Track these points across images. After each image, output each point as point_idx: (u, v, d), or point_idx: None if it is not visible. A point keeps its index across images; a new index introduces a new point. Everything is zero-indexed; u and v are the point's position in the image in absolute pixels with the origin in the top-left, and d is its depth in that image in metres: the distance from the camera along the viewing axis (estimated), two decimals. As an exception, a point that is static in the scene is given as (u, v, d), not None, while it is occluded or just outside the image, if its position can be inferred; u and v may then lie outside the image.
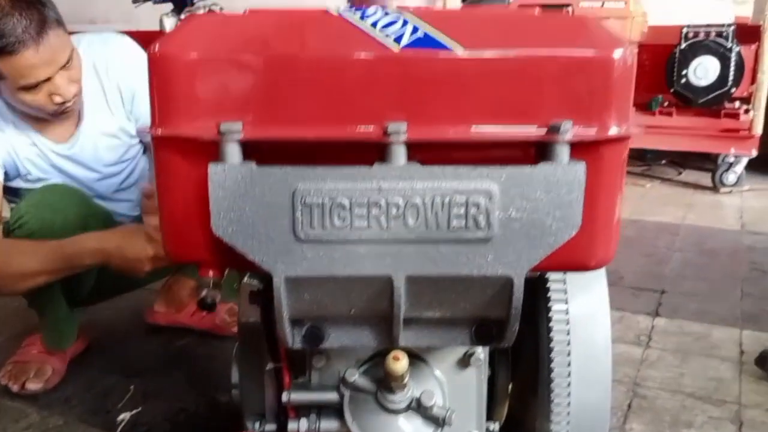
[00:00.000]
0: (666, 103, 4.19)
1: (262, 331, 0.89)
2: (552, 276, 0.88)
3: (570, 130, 0.65)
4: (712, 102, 3.96)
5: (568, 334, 0.87)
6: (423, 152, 0.66)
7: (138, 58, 1.85)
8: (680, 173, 4.63)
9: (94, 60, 1.76)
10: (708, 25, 3.86)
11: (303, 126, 0.66)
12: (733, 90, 3.91)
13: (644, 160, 4.84)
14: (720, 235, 3.35)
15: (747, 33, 3.91)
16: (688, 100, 3.99)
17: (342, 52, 0.65)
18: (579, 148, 0.67)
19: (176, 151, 0.69)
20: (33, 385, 1.82)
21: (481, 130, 0.66)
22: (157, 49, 0.67)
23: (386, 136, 0.64)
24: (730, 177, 4.10)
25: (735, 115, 3.97)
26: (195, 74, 0.66)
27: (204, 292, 0.89)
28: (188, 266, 1.98)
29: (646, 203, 3.90)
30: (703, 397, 1.82)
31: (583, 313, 0.88)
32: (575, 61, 0.66)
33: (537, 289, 0.91)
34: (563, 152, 0.66)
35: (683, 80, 3.91)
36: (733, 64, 3.83)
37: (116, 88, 1.80)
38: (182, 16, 3.71)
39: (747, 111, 3.96)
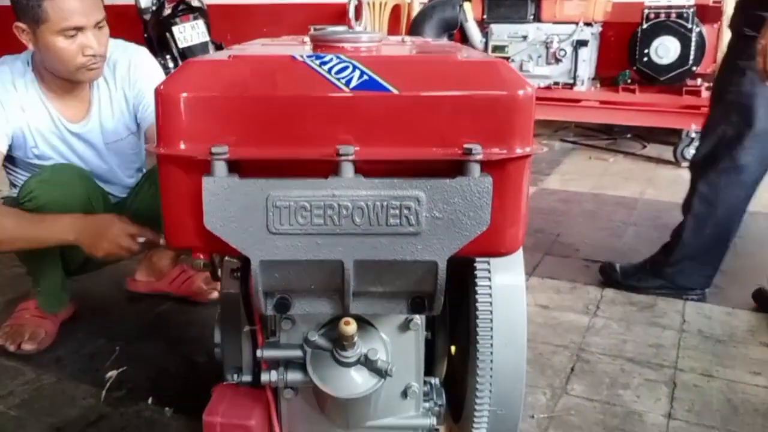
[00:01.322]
0: (629, 80, 4.34)
1: (240, 300, 1.09)
2: (478, 258, 1.08)
3: (480, 152, 0.84)
4: (673, 80, 4.07)
5: (491, 304, 1.06)
6: (367, 167, 0.85)
7: (151, 68, 2.02)
8: (644, 147, 4.79)
9: (112, 60, 1.93)
10: (669, 6, 3.96)
11: (274, 148, 0.86)
12: (694, 68, 4.02)
13: (610, 134, 5.00)
14: (676, 210, 3.49)
15: (709, 12, 4.05)
16: (650, 77, 4.11)
17: (304, 91, 0.84)
18: (489, 165, 0.86)
19: (176, 166, 0.88)
20: (28, 346, 1.99)
21: (411, 151, 0.86)
22: (162, 87, 0.86)
23: (338, 156, 0.83)
24: (692, 152, 4.26)
25: (696, 92, 4.10)
26: (191, 108, 0.85)
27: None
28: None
29: (607, 177, 4.05)
30: (641, 362, 2.02)
31: (504, 287, 1.07)
32: (485, 99, 0.85)
33: (467, 268, 1.10)
34: (475, 168, 0.85)
35: (645, 59, 4.04)
36: (693, 43, 3.92)
37: (122, 91, 1.96)
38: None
39: (708, 88, 4.10)
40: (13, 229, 1.71)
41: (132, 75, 1.97)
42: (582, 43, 4.27)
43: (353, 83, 0.84)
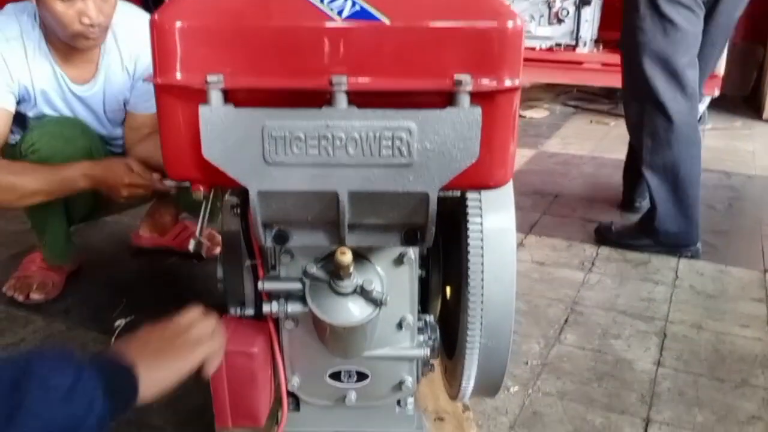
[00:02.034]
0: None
1: (241, 237, 1.12)
2: (470, 196, 1.10)
3: (469, 83, 0.87)
4: (676, 43, 4.07)
5: (482, 241, 1.09)
6: (360, 98, 0.88)
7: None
8: (646, 114, 4.81)
9: (127, 32, 1.93)
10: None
11: (269, 77, 0.88)
12: (698, 31, 4.02)
13: (612, 98, 5.00)
14: (674, 174, 3.57)
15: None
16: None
17: (297, 22, 0.87)
18: (478, 96, 0.89)
19: (173, 96, 0.90)
20: (36, 296, 2.04)
21: (402, 82, 0.88)
22: (157, 17, 0.88)
23: (331, 86, 0.86)
24: (691, 117, 4.27)
25: (699, 56, 4.11)
26: (186, 38, 0.88)
27: (193, 244, 1.16)
28: (169, 195, 2.18)
29: (608, 141, 4.08)
30: (633, 314, 2.07)
31: (495, 226, 1.10)
32: (476, 30, 0.87)
33: (459, 207, 1.13)
34: (465, 99, 0.87)
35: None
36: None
37: (130, 54, 1.96)
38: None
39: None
40: (31, 184, 1.75)
41: (140, 63, 1.97)
42: (585, 3, 4.22)
43: (345, 13, 0.87)
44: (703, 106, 4.21)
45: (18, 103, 1.87)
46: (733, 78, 4.71)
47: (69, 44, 1.81)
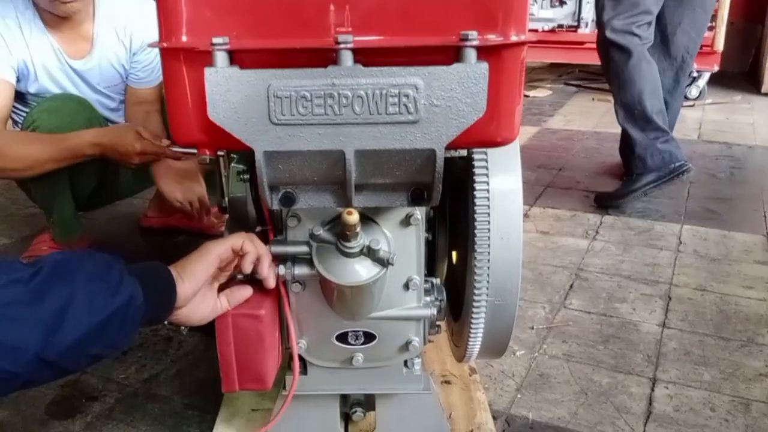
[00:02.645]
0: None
1: (248, 202, 1.13)
2: (477, 157, 1.11)
3: (476, 38, 0.87)
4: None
5: (489, 201, 1.10)
6: (365, 56, 0.88)
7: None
8: (646, 87, 4.81)
9: (118, 6, 1.97)
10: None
11: (274, 38, 0.89)
12: (696, 8, 4.03)
13: (613, 76, 5.01)
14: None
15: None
16: (653, 17, 4.11)
17: (302, -20, 0.87)
18: (485, 52, 0.89)
19: (179, 59, 0.91)
20: None
21: (409, 39, 0.89)
22: (162, -21, 0.88)
23: (337, 45, 0.86)
24: (693, 91, 4.29)
25: (700, 32, 4.12)
26: (192, 1, 0.88)
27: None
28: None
29: (610, 117, 4.03)
30: (638, 279, 2.08)
31: (501, 187, 1.11)
32: (479, -15, 0.88)
33: (466, 169, 1.14)
34: (471, 55, 0.88)
35: (647, -2, 4.02)
36: (695, -18, 3.93)
37: (124, 28, 1.99)
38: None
39: (711, 28, 4.11)
40: (40, 153, 1.79)
41: (135, 37, 2.01)
42: None
43: (350, -29, 0.87)
44: (702, 82, 4.23)
45: (18, 80, 1.88)
46: (733, 55, 4.74)
47: (51, 13, 1.84)
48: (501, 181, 1.12)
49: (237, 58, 0.89)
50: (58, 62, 1.92)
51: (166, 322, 1.72)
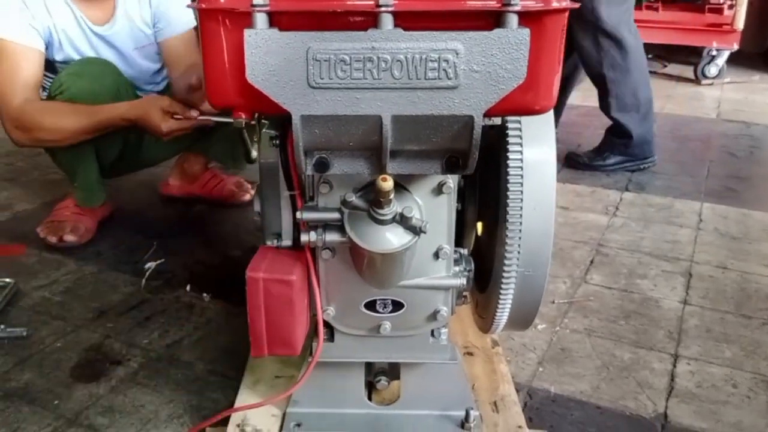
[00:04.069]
0: (652, -1, 4.29)
1: (279, 168, 1.12)
2: (511, 126, 1.10)
3: (518, 4, 0.86)
4: (696, -4, 4.06)
5: (522, 171, 1.09)
6: (406, 20, 0.87)
7: None
8: (665, 66, 4.77)
9: None
10: None
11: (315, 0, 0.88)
12: (718, -15, 4.00)
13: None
14: (695, 123, 3.56)
15: (734, -73, 3.99)
16: (673, -6, 4.09)
17: (345, -60, 0.86)
18: (526, 17, 0.88)
19: (217, 21, 0.90)
20: (70, 237, 2.07)
21: (450, 2, 0.88)
22: (202, -60, 0.87)
23: (377, 7, 0.85)
24: (712, 69, 4.25)
25: (719, 10, 4.09)
26: (232, -43, 0.87)
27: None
28: (199, 143, 2.20)
29: (627, 93, 4.07)
30: (659, 255, 2.08)
31: (535, 157, 1.10)
32: (523, -51, 0.86)
33: (499, 139, 1.13)
34: (513, 20, 0.87)
35: (669, -25, 4.00)
36: (718, -41, 3.90)
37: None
38: None
39: (731, 6, 4.08)
40: (74, 124, 1.81)
41: None
42: None
43: (393, -68, 0.86)
44: (721, 60, 4.19)
45: (45, 48, 1.87)
46: (751, 34, 4.68)
47: None
48: (535, 151, 1.11)
49: (276, 19, 0.89)
50: (80, 29, 1.91)
51: (187, 288, 1.76)
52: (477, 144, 0.94)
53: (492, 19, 0.88)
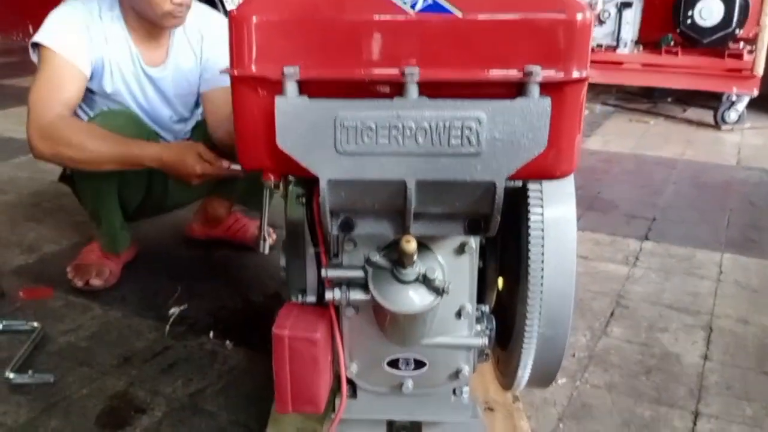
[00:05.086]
0: (672, 43, 4.32)
1: (305, 225, 1.15)
2: (532, 187, 1.12)
3: (540, 74, 0.88)
4: (716, 42, 4.07)
5: (543, 231, 1.11)
6: (431, 89, 0.90)
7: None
8: (685, 111, 4.77)
9: (194, 21, 2.02)
10: (714, -32, 3.94)
11: (343, 69, 0.91)
12: (738, 32, 4.01)
13: (651, 98, 4.99)
14: (715, 170, 3.55)
15: (754, -24, 4.02)
16: (694, 40, 4.10)
17: (372, 14, 0.89)
18: (547, 87, 0.90)
19: (249, 87, 0.94)
20: (96, 281, 2.10)
21: (473, 73, 0.90)
22: (236, 12, 0.91)
23: (403, 77, 0.88)
24: (732, 115, 4.24)
25: (738, 56, 4.09)
26: (263, 30, 0.91)
27: (263, 245, 1.38)
28: (223, 187, 2.23)
29: (648, 139, 4.07)
30: (679, 308, 2.07)
31: (555, 217, 1.11)
32: (545, 22, 0.89)
33: (520, 198, 1.15)
34: (535, 90, 0.89)
35: (689, 21, 4.03)
36: (737, 6, 3.92)
37: (193, 52, 2.05)
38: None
39: (750, 52, 4.08)
40: (101, 148, 1.78)
41: (207, 40, 2.05)
42: (626, 5, 4.29)
43: (418, 6, 0.89)
44: (741, 106, 4.19)
45: (93, 77, 1.93)
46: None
47: (156, 24, 1.90)
48: (555, 211, 1.12)
49: (305, 87, 0.92)
50: (134, 66, 1.97)
51: (211, 335, 1.78)
52: (499, 208, 0.96)
53: (514, 89, 0.91)
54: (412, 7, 0.89)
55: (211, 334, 1.87)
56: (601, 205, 2.96)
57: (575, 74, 0.91)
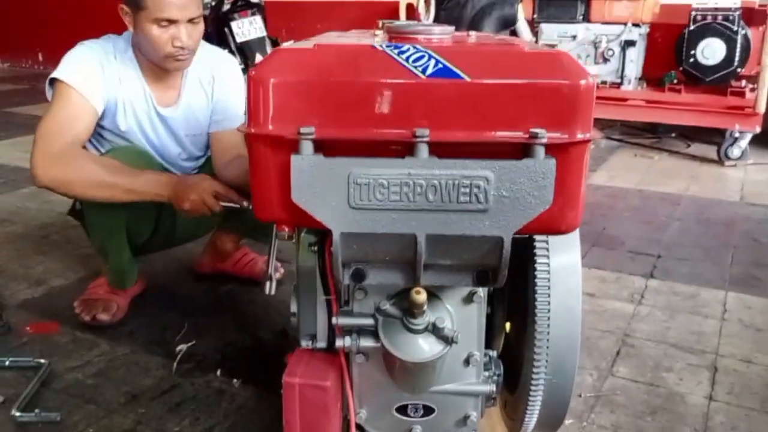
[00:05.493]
0: (675, 81, 4.37)
1: (316, 272, 1.18)
2: (538, 237, 1.16)
3: (545, 136, 0.92)
4: (718, 81, 4.11)
5: (549, 281, 1.14)
6: (440, 149, 0.94)
7: (236, 80, 2.16)
8: (688, 146, 4.80)
9: (204, 63, 2.08)
10: (715, 9, 4.00)
11: (356, 129, 0.95)
12: (740, 70, 4.05)
13: (655, 133, 5.03)
14: (719, 206, 3.57)
15: (754, 16, 4.07)
16: (697, 78, 4.15)
17: (384, 78, 0.93)
18: (552, 148, 0.94)
19: (266, 145, 0.97)
20: (103, 316, 2.12)
21: (481, 134, 0.94)
22: (254, 73, 0.95)
23: (414, 138, 0.92)
24: (735, 151, 4.27)
25: (741, 93, 4.14)
26: (281, 92, 0.95)
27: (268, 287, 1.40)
28: (232, 221, 2.26)
29: (652, 174, 4.09)
30: (684, 347, 2.09)
31: (561, 266, 1.15)
32: (550, 87, 0.93)
33: (527, 247, 1.18)
34: (540, 151, 0.93)
35: (691, 60, 4.08)
36: (739, 45, 3.97)
37: (205, 93, 2.11)
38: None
39: (752, 89, 4.12)
40: (110, 177, 1.81)
41: (220, 83, 2.10)
42: (630, 44, 4.36)
43: (429, 71, 0.93)
44: (744, 142, 4.23)
45: (105, 115, 1.98)
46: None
47: (160, 66, 1.95)
48: (561, 260, 1.16)
49: (320, 145, 0.96)
50: (147, 106, 2.03)
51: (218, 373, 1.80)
52: (506, 262, 0.99)
53: (520, 149, 0.95)
54: (423, 71, 0.93)
55: (219, 371, 1.89)
56: (607, 241, 2.98)
57: (579, 136, 0.95)
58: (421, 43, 1.03)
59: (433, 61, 0.93)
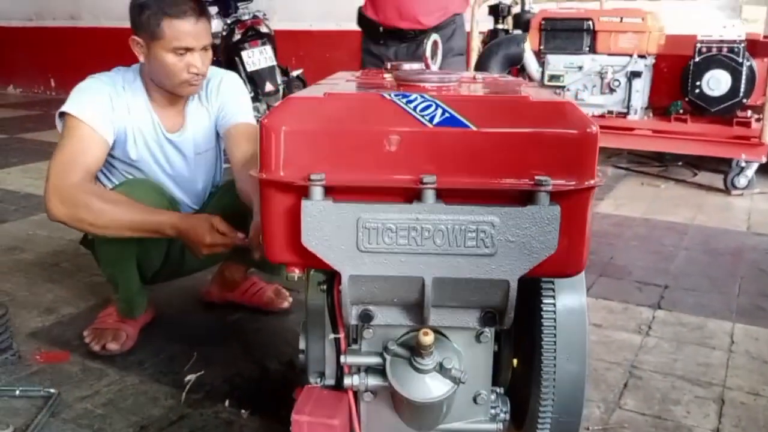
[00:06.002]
0: (681, 111, 4.40)
1: (325, 311, 1.20)
2: (544, 279, 1.17)
3: (549, 184, 0.95)
4: (724, 111, 4.13)
5: (555, 321, 1.16)
6: (447, 195, 0.96)
7: (236, 85, 2.23)
8: (695, 175, 4.81)
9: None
10: (721, 41, 4.04)
11: (365, 175, 0.97)
12: (745, 101, 4.08)
13: (661, 161, 5.04)
14: (726, 236, 3.57)
15: (759, 47, 4.11)
16: (702, 108, 4.18)
17: (393, 127, 0.96)
18: (557, 195, 0.96)
19: (277, 190, 1.00)
20: (113, 346, 2.14)
21: (487, 181, 0.97)
22: (266, 121, 0.98)
23: (422, 184, 0.95)
24: (741, 180, 4.28)
25: (746, 123, 4.15)
26: (291, 139, 0.98)
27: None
28: (240, 252, 2.28)
29: (659, 203, 4.10)
30: (692, 379, 2.09)
31: (567, 306, 1.16)
32: (555, 136, 0.96)
33: (534, 288, 1.20)
34: (545, 198, 0.95)
35: (697, 90, 4.11)
36: (744, 76, 4.00)
37: (207, 108, 2.18)
38: (228, 20, 4.09)
39: (758, 119, 4.15)
40: (122, 216, 1.84)
41: (218, 92, 2.17)
42: (636, 74, 4.40)
43: (436, 120, 0.96)
44: (750, 171, 4.24)
45: (116, 146, 2.02)
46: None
47: (173, 92, 2.02)
48: (567, 301, 1.18)
49: (329, 190, 0.98)
50: (155, 133, 2.08)
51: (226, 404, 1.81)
52: (513, 304, 1.01)
53: (526, 196, 0.97)
54: (430, 120, 0.96)
55: (227, 402, 1.90)
56: (614, 271, 2.99)
57: (583, 183, 0.97)
58: (428, 90, 1.06)
59: (440, 111, 0.96)
